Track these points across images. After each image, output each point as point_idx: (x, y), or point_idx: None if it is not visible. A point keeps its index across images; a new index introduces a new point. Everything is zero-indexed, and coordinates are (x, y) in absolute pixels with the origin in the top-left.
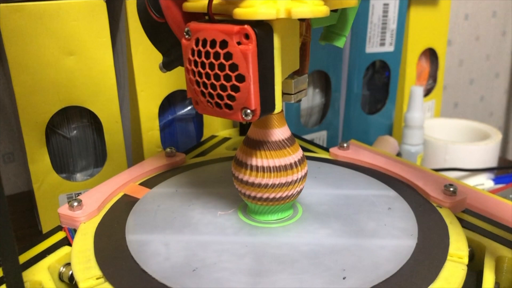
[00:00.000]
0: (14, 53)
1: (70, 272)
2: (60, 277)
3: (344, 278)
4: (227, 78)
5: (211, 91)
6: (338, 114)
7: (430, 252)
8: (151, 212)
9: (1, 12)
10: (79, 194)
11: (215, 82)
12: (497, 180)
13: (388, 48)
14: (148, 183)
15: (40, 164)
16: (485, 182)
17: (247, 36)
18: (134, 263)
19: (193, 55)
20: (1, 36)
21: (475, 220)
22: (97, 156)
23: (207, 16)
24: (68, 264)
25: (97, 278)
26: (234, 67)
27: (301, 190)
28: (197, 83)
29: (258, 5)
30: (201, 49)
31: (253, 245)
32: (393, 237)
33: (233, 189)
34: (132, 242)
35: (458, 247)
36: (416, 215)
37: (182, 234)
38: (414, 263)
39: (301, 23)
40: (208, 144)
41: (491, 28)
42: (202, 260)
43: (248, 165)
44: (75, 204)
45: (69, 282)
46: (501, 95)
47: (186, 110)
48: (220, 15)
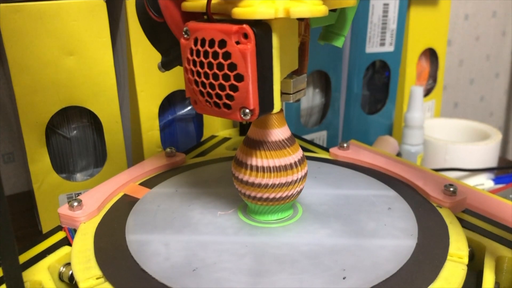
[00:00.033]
0: (14, 53)
1: (70, 272)
2: (60, 277)
3: (344, 278)
4: (226, 78)
5: (210, 91)
6: (338, 114)
7: (430, 252)
8: (151, 212)
9: (1, 12)
10: (79, 194)
11: (214, 82)
12: (497, 180)
13: (388, 48)
14: (148, 183)
15: (40, 164)
16: (485, 182)
17: (246, 36)
18: (134, 263)
19: (192, 55)
20: (1, 36)
21: (475, 220)
22: (97, 156)
23: (206, 16)
24: (68, 264)
25: (97, 278)
26: (233, 67)
27: (301, 190)
28: (196, 83)
29: (257, 5)
30: (200, 49)
31: (253, 245)
32: (393, 237)
33: (233, 189)
34: (132, 242)
35: (458, 247)
36: (416, 215)
37: (182, 234)
38: (414, 263)
39: (300, 23)
40: (208, 144)
41: (491, 28)
42: (202, 260)
43: (248, 165)
44: (75, 204)
45: (69, 282)
46: (501, 95)
47: (186, 110)
48: (219, 15)
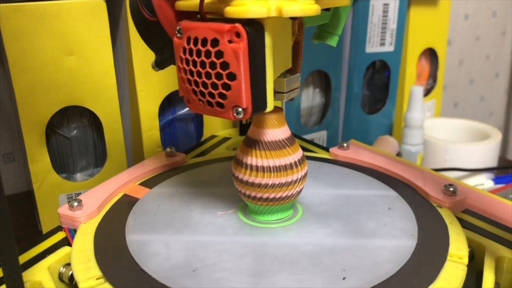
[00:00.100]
0: (14, 53)
1: (70, 272)
2: (60, 278)
3: (344, 278)
4: (218, 77)
5: (203, 90)
6: (338, 114)
7: (430, 252)
8: (151, 212)
9: (1, 12)
10: (79, 194)
11: (206, 81)
12: (497, 180)
13: (388, 48)
14: (148, 183)
15: (40, 164)
16: (485, 182)
17: (238, 35)
18: (134, 263)
19: (185, 54)
20: (1, 36)
21: (475, 220)
22: (97, 156)
23: (199, 15)
24: (68, 265)
25: (97, 278)
26: (225, 66)
27: (301, 190)
28: (189, 82)
29: (249, 4)
30: (193, 48)
31: (253, 245)
32: (393, 237)
33: (233, 189)
34: (132, 242)
35: (458, 247)
36: (416, 215)
37: (182, 234)
38: (414, 263)
39: (294, 22)
40: (208, 144)
41: (491, 28)
42: (202, 260)
43: (248, 165)
44: (75, 204)
45: (69, 283)
46: (501, 95)
47: (186, 110)
48: (212, 14)
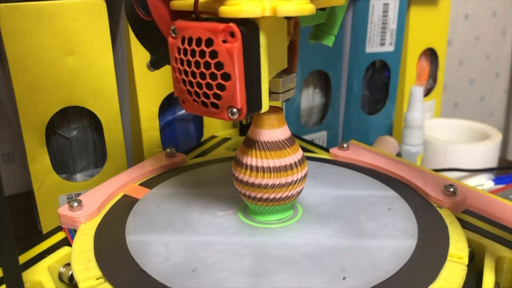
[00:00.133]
0: (14, 53)
1: (70, 273)
2: (60, 278)
3: (344, 279)
4: (213, 77)
5: (197, 90)
6: (338, 114)
7: (430, 253)
8: (151, 213)
9: (1, 12)
10: (79, 195)
11: (201, 81)
12: (497, 181)
13: (388, 48)
14: (148, 184)
15: (40, 164)
16: (485, 183)
17: (233, 34)
18: (134, 264)
19: (179, 53)
20: (1, 36)
21: (475, 221)
22: (97, 156)
23: (194, 15)
24: (68, 265)
25: (97, 279)
26: (220, 66)
27: (301, 191)
28: (184, 82)
29: (244, 3)
30: (187, 47)
31: (253, 246)
32: (393, 238)
33: (233, 190)
34: (132, 243)
35: (458, 248)
36: (416, 216)
37: (182, 235)
38: (414, 264)
39: (289, 22)
40: (208, 145)
41: (491, 28)
42: (202, 261)
43: (248, 166)
44: (75, 205)
45: (69, 283)
46: (501, 95)
47: None
48: (207, 14)
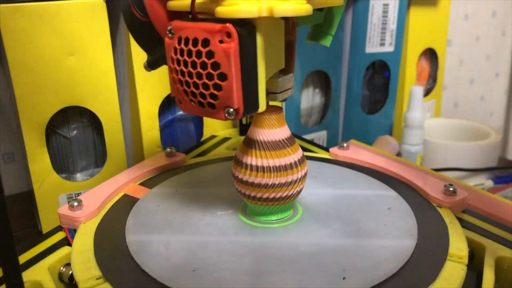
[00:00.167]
0: (14, 53)
1: (70, 272)
2: (60, 277)
3: (344, 278)
4: (209, 77)
5: (194, 90)
6: (338, 114)
7: (430, 252)
8: (151, 212)
9: (1, 12)
10: (79, 194)
11: (198, 81)
12: (497, 180)
13: (388, 48)
14: (148, 183)
15: (40, 164)
16: (485, 182)
17: (229, 35)
18: (134, 263)
19: (176, 54)
20: (1, 36)
21: (475, 220)
22: (97, 156)
23: (191, 15)
24: (68, 264)
25: (97, 278)
26: (216, 66)
27: (301, 190)
28: (180, 82)
29: (240, 4)
30: (184, 48)
31: (253, 245)
32: (393, 237)
33: (233, 189)
34: (132, 242)
35: (458, 247)
36: (416, 215)
37: (182, 234)
38: (414, 263)
39: (286, 22)
40: (208, 144)
41: (491, 28)
42: (202, 260)
43: (248, 165)
44: (75, 204)
45: (69, 282)
46: (501, 95)
47: None
48: (204, 14)
